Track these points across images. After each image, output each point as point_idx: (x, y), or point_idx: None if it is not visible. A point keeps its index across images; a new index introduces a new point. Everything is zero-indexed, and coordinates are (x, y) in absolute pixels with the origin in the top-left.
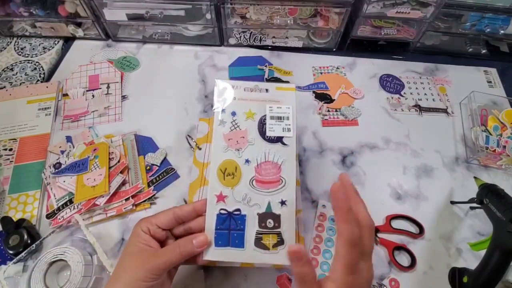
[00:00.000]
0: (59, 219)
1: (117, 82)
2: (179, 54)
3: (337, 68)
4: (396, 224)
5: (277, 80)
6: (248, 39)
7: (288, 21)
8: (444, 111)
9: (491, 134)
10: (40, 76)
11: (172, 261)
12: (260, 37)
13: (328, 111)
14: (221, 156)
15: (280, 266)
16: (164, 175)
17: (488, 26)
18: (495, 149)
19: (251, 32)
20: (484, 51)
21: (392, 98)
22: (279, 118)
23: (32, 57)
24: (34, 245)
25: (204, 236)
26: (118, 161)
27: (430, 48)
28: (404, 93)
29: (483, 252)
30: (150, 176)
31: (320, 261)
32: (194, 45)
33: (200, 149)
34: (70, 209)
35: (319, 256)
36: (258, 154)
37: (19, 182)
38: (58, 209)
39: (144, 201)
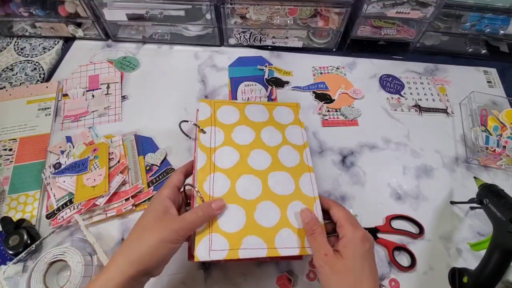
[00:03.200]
0: (59, 219)
1: (117, 82)
2: (179, 54)
3: (337, 68)
4: (396, 224)
5: (277, 80)
6: (248, 39)
7: (288, 21)
8: (444, 111)
9: (491, 134)
10: (40, 76)
11: (196, 222)
12: (260, 37)
13: (328, 111)
14: None
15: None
16: (164, 175)
17: (488, 26)
18: (495, 149)
19: (251, 32)
20: (484, 51)
21: (392, 98)
22: None
23: (32, 57)
24: (34, 245)
25: (221, 199)
26: (118, 161)
27: (430, 48)
28: (404, 93)
29: (483, 252)
30: (150, 176)
31: None
32: (194, 45)
33: (204, 132)
34: (70, 209)
35: None
36: None
37: (19, 182)
38: (58, 209)
39: (144, 201)
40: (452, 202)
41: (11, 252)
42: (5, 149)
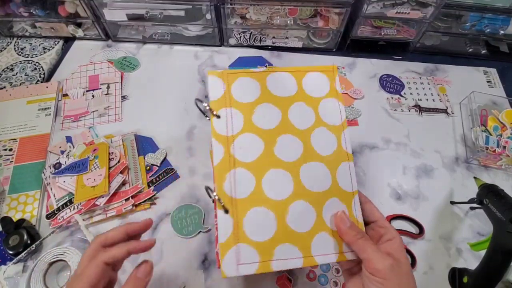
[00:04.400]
0: (59, 219)
1: (117, 82)
2: (179, 54)
3: (337, 68)
4: (396, 224)
5: None
6: (248, 39)
7: (288, 21)
8: (444, 111)
9: (491, 134)
10: (40, 76)
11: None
12: (260, 37)
13: None
14: None
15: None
16: (164, 175)
17: (488, 26)
18: (495, 149)
19: (251, 32)
20: (484, 51)
21: (392, 98)
22: None
23: (32, 57)
24: (34, 245)
25: (147, 263)
26: (118, 161)
27: (430, 48)
28: (404, 93)
29: (483, 252)
30: (150, 176)
31: None
32: (194, 45)
33: (219, 117)
34: (70, 209)
35: None
36: None
37: (19, 182)
38: (58, 209)
39: (144, 201)
40: (452, 202)
41: (11, 252)
42: (5, 149)
